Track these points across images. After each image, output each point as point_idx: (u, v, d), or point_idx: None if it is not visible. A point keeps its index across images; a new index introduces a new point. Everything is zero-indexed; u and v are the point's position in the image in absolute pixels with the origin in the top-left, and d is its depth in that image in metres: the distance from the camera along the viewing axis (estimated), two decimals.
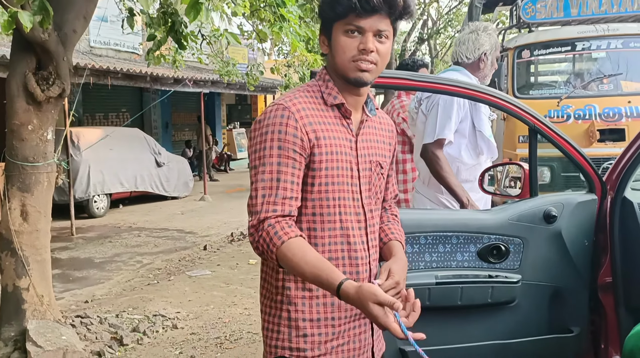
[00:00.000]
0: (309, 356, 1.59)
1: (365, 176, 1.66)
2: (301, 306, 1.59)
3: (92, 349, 4.14)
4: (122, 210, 10.93)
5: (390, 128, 1.79)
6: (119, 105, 14.35)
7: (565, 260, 2.40)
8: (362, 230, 1.65)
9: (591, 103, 5.38)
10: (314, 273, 1.47)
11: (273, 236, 1.49)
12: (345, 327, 1.62)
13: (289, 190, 1.54)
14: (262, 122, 1.59)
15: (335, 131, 1.61)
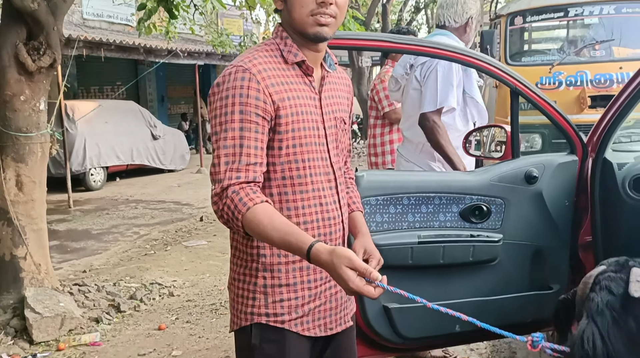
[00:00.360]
0: (287, 320, 1.58)
1: (332, 134, 1.63)
2: (277, 272, 1.57)
3: (90, 316, 4.23)
4: (119, 183, 10.98)
5: (347, 82, 1.76)
6: (113, 78, 14.28)
7: (546, 220, 2.46)
8: (333, 190, 1.63)
9: (583, 69, 5.38)
10: (282, 239, 1.42)
11: (238, 203, 1.43)
12: (321, 288, 1.61)
13: (252, 156, 1.49)
14: (222, 85, 1.51)
15: (299, 90, 1.56)
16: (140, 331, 4.09)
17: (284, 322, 1.57)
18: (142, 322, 4.27)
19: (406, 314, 2.30)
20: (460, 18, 3.00)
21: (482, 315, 2.37)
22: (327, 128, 1.62)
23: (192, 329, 4.09)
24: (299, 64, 1.57)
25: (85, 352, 3.73)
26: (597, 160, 2.45)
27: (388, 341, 2.34)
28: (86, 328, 4.05)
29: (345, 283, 1.35)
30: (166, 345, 3.83)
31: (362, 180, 2.24)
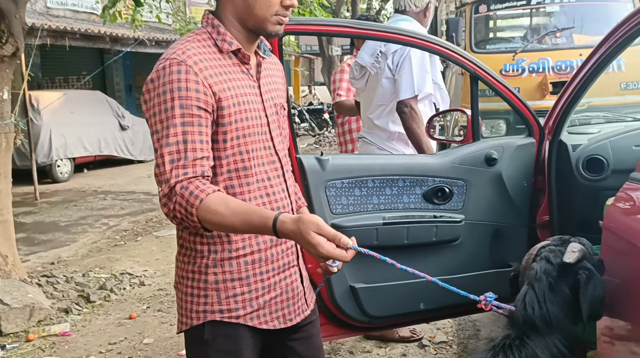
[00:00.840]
0: (242, 314, 1.53)
1: (274, 121, 1.60)
2: (228, 267, 1.52)
3: (59, 306, 4.20)
4: (87, 175, 10.83)
5: (280, 67, 1.74)
6: (79, 68, 13.98)
7: (506, 201, 2.55)
8: (280, 178, 1.60)
9: (545, 56, 5.52)
10: (244, 220, 1.38)
11: (189, 197, 1.37)
12: (275, 279, 1.58)
13: (198, 150, 1.42)
14: (157, 81, 1.44)
15: (237, 80, 1.51)
16: (111, 320, 4.09)
17: (239, 317, 1.53)
18: (112, 311, 4.27)
19: (372, 294, 2.37)
20: (420, 2, 3.06)
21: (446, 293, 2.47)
22: (269, 115, 1.58)
23: (164, 317, 4.11)
24: (234, 52, 1.52)
25: (55, 342, 3.72)
26: (553, 143, 2.55)
27: (355, 320, 2.41)
28: (55, 319, 4.03)
29: (315, 248, 1.30)
30: (137, 333, 3.84)
31: (327, 163, 2.28)
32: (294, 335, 1.66)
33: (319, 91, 21.83)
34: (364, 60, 3.12)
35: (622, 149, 2.42)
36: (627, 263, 1.50)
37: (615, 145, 2.47)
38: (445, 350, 3.31)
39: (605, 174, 2.44)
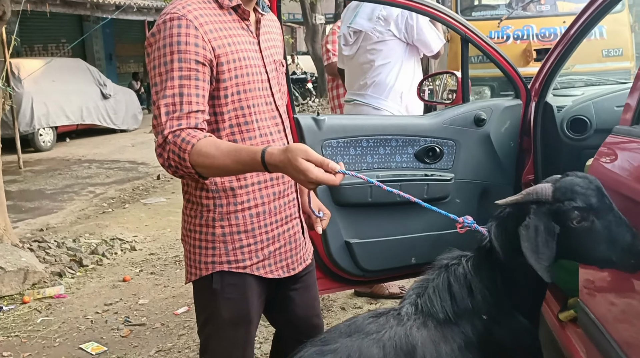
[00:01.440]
0: (248, 265, 1.59)
1: (274, 77, 1.63)
2: (234, 220, 1.57)
3: (52, 270, 4.26)
4: (70, 144, 10.76)
5: (277, 24, 1.77)
6: (58, 36, 13.75)
7: (493, 160, 2.64)
8: (281, 133, 1.64)
9: (529, 23, 5.59)
10: (234, 158, 1.40)
11: (181, 144, 1.40)
12: (279, 231, 1.64)
13: (194, 103, 1.45)
14: (158, 35, 1.47)
15: (237, 36, 1.54)
16: (105, 283, 4.16)
17: (246, 267, 1.59)
18: (105, 275, 4.34)
19: (366, 248, 2.47)
20: None
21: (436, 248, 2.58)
22: (269, 72, 1.61)
23: (157, 280, 4.19)
24: (234, 8, 1.55)
25: (51, 304, 3.79)
26: (539, 104, 2.64)
27: (350, 274, 2.51)
28: (49, 282, 4.10)
29: (305, 174, 1.31)
30: (132, 294, 3.92)
31: (323, 123, 2.35)
32: (294, 285, 1.74)
33: (302, 60, 21.64)
34: (362, 26, 3.19)
35: (604, 109, 2.52)
36: None
37: (597, 106, 2.57)
38: None
39: (588, 133, 2.54)
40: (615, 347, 1.54)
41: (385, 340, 1.44)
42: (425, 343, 1.46)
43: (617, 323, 1.59)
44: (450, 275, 1.57)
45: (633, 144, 1.58)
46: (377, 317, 1.53)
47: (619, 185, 1.55)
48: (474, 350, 1.51)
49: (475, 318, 1.53)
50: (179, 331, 3.32)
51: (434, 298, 1.54)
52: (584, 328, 1.82)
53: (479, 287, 1.53)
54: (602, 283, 1.75)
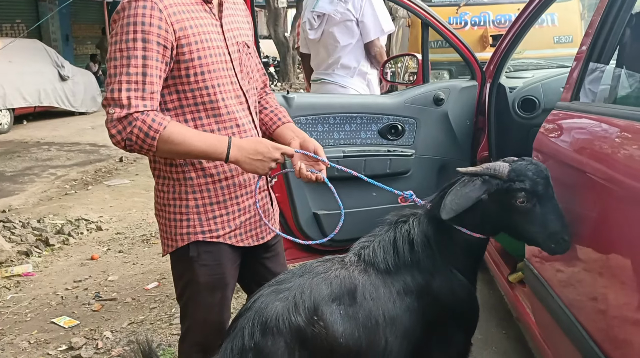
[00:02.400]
0: (221, 234, 1.69)
1: (236, 58, 1.70)
2: (206, 192, 1.67)
3: (19, 250, 4.27)
4: (27, 126, 10.54)
5: (243, 7, 1.83)
6: (12, 16, 13.34)
7: (451, 137, 2.83)
8: (246, 111, 1.72)
9: (486, 10, 5.82)
10: (202, 140, 1.56)
11: (152, 124, 1.50)
12: (249, 202, 1.74)
13: (155, 84, 1.53)
14: (123, 12, 1.52)
15: (200, 18, 1.61)
16: (73, 261, 4.20)
17: (219, 237, 1.69)
18: (73, 253, 4.37)
19: (333, 219, 2.62)
20: None
21: None
22: (232, 52, 1.68)
23: (125, 258, 4.26)
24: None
25: (20, 282, 3.82)
26: (493, 85, 2.83)
27: (317, 244, 2.66)
28: (16, 261, 4.11)
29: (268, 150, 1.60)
30: (101, 272, 3.98)
31: (293, 101, 2.49)
32: (265, 253, 1.87)
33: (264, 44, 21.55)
34: (325, 9, 3.32)
35: (552, 90, 2.74)
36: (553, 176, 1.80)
37: (546, 88, 2.78)
38: None
39: (537, 112, 2.76)
40: (554, 295, 1.75)
41: (332, 278, 1.61)
42: (365, 285, 1.62)
43: (556, 275, 1.79)
44: (397, 231, 1.72)
45: (571, 117, 1.78)
46: (324, 262, 1.70)
47: (558, 154, 1.74)
48: (411, 296, 1.65)
49: (414, 270, 1.67)
50: (150, 305, 3.42)
51: (378, 251, 1.69)
52: (528, 282, 2.02)
53: (420, 242, 1.68)
54: None
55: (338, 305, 1.57)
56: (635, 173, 1.29)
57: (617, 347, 1.37)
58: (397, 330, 1.63)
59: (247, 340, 1.51)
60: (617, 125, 1.51)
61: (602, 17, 1.80)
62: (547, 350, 1.94)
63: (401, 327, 1.63)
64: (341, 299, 1.58)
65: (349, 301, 1.59)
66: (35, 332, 3.13)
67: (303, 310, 1.52)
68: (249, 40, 1.78)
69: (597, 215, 1.50)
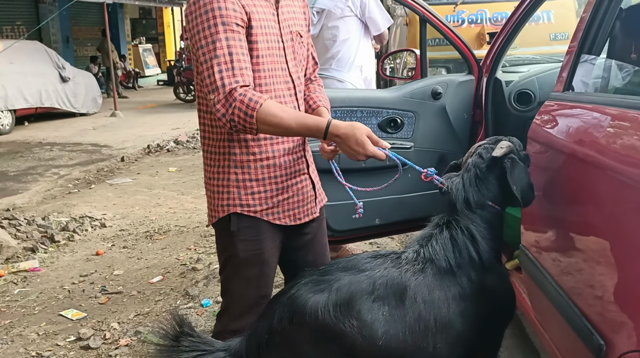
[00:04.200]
0: (259, 210, 1.78)
1: (289, 46, 1.81)
2: (247, 169, 1.76)
3: (25, 246, 4.34)
4: (29, 127, 10.61)
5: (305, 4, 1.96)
6: (12, 18, 13.41)
7: (449, 131, 2.90)
8: (292, 97, 1.82)
9: (483, 8, 5.90)
10: (299, 122, 1.62)
11: (249, 102, 1.59)
12: (288, 183, 1.82)
13: (242, 61, 1.63)
14: (198, 3, 1.63)
15: (260, 6, 1.72)
16: (79, 257, 4.27)
17: (257, 212, 1.78)
18: (78, 249, 4.44)
19: (335, 210, 2.69)
20: None
21: (399, 210, 2.83)
22: (285, 41, 1.79)
23: (130, 253, 4.33)
24: None
25: (27, 277, 3.89)
26: (490, 79, 2.90)
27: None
28: (23, 257, 4.18)
29: (363, 147, 1.62)
30: (107, 266, 4.05)
31: None
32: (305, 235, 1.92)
33: None
34: (325, 5, 3.44)
35: (547, 84, 2.80)
36: (546, 164, 1.87)
37: (541, 81, 2.86)
38: None
39: (533, 105, 2.83)
40: (551, 280, 1.82)
41: (376, 278, 1.55)
42: (418, 287, 1.56)
43: (552, 261, 1.86)
44: (452, 229, 1.68)
45: (564, 107, 1.85)
46: (375, 257, 1.64)
47: (552, 142, 1.81)
48: (467, 300, 1.61)
49: (471, 270, 1.63)
50: (155, 297, 3.49)
51: (438, 248, 1.64)
52: (524, 268, 2.09)
53: (479, 238, 1.67)
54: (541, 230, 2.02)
55: (381, 305, 1.52)
56: (627, 159, 1.36)
57: (614, 329, 1.41)
58: (449, 336, 1.58)
59: (276, 324, 1.53)
60: (608, 113, 1.58)
61: (593, 11, 1.88)
62: (543, 334, 2.00)
63: (453, 332, 1.59)
64: (385, 300, 1.53)
65: (395, 302, 1.53)
66: (43, 324, 3.20)
67: (334, 307, 1.48)
68: (302, 29, 1.87)
69: (590, 201, 1.57)
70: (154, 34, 20.52)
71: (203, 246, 4.32)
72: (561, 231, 1.80)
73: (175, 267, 3.95)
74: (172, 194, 5.97)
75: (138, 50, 18.49)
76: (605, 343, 1.39)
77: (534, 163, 1.95)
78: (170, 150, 8.52)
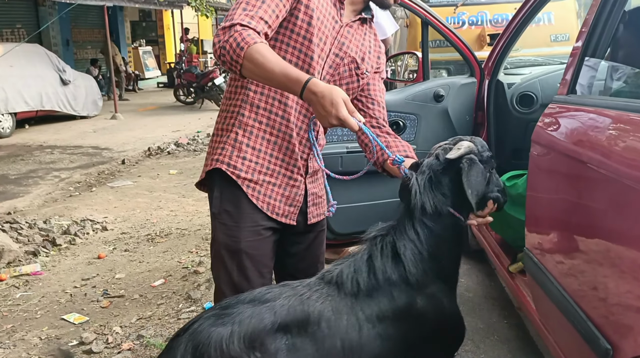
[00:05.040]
0: (242, 176, 1.74)
1: (332, 60, 1.75)
2: (249, 133, 1.73)
3: (26, 250, 4.33)
4: (29, 130, 10.59)
5: (376, 38, 1.87)
6: (12, 21, 13.41)
7: (451, 133, 2.89)
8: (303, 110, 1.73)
9: (483, 10, 5.90)
10: (282, 70, 1.50)
11: (246, 36, 1.51)
12: (280, 170, 1.77)
13: (268, 15, 1.58)
14: None
15: (326, 6, 1.70)
16: (80, 260, 4.27)
17: (239, 177, 1.73)
18: (80, 253, 4.44)
19: (337, 213, 2.68)
20: None
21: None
22: (331, 53, 1.74)
23: (131, 256, 4.32)
24: None
25: (29, 281, 3.88)
26: (492, 82, 2.91)
27: None
28: (24, 261, 4.17)
29: (337, 108, 1.46)
30: (108, 270, 4.05)
31: None
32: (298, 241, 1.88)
33: None
34: None
35: (549, 86, 2.81)
36: (550, 167, 1.87)
37: (543, 83, 2.86)
38: None
39: (535, 107, 2.83)
40: (555, 283, 1.81)
41: (278, 307, 1.46)
42: (323, 312, 1.47)
43: (557, 263, 1.86)
44: (374, 247, 1.55)
45: (567, 110, 1.85)
46: (281, 286, 1.56)
47: (556, 145, 1.81)
48: (386, 322, 1.48)
49: (395, 289, 1.50)
50: (157, 301, 3.48)
51: (346, 271, 1.52)
52: (529, 271, 2.08)
53: (408, 253, 1.51)
54: (545, 233, 2.02)
55: (283, 334, 1.44)
56: (631, 162, 1.35)
57: (621, 333, 1.40)
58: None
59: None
60: (612, 117, 1.58)
61: (597, 13, 1.87)
62: (548, 337, 2.00)
63: (369, 355, 1.48)
64: (287, 329, 1.44)
65: (297, 330, 1.45)
66: (46, 328, 3.19)
67: (238, 340, 1.40)
68: (362, 63, 1.80)
69: (595, 204, 1.56)
70: (153, 36, 20.52)
71: (205, 249, 4.32)
72: (566, 234, 1.79)
73: (177, 270, 3.95)
74: (173, 197, 5.97)
75: (138, 52, 18.49)
76: (612, 347, 1.39)
77: (538, 166, 1.95)
78: (171, 153, 8.52)
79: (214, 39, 1.58)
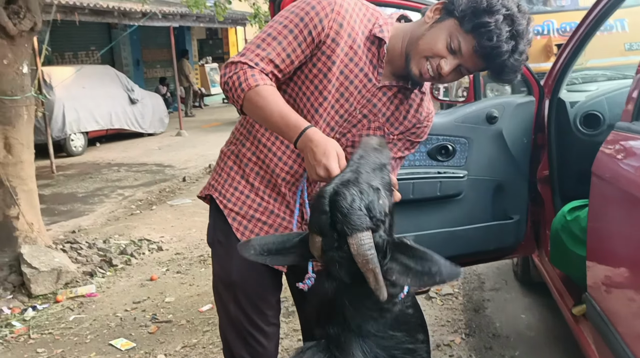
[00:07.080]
0: (229, 206, 1.66)
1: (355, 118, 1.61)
2: (244, 166, 1.66)
3: (84, 270, 4.42)
4: (100, 148, 11.03)
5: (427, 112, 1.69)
6: (87, 43, 14.11)
7: (506, 157, 2.68)
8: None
9: (550, 19, 5.57)
10: (282, 114, 1.43)
11: (249, 77, 1.46)
12: (272, 208, 1.67)
13: (280, 58, 1.50)
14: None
15: (358, 56, 1.54)
16: (133, 282, 4.31)
17: (226, 207, 1.66)
18: (134, 274, 4.48)
19: None
20: None
21: (450, 245, 2.63)
22: (359, 112, 1.60)
23: (183, 278, 4.32)
24: (379, 39, 1.54)
25: (83, 302, 3.94)
26: (552, 100, 2.66)
27: None
28: (81, 282, 4.25)
29: (328, 159, 1.36)
30: (159, 293, 4.05)
31: None
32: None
33: None
34: None
35: (617, 104, 2.53)
36: (612, 203, 1.65)
37: (610, 101, 2.59)
38: (452, 301, 3.49)
39: (602, 128, 2.56)
40: (619, 338, 1.58)
41: None
42: None
43: (621, 315, 1.62)
44: None
45: (632, 139, 1.62)
46: None
47: (618, 180, 1.58)
48: None
49: None
50: (203, 328, 3.43)
51: None
52: (589, 317, 1.85)
53: None
54: (608, 277, 1.79)
55: None
56: None
57: None
58: None
59: None
60: None
61: None
62: None
63: None
64: None
65: None
66: (93, 354, 3.20)
67: None
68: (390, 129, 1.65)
69: None
70: (220, 53, 21.02)
71: None
72: (630, 279, 1.57)
73: None
74: None
75: (204, 69, 18.98)
76: None
77: (599, 200, 1.72)
78: None
79: (221, 70, 1.55)
